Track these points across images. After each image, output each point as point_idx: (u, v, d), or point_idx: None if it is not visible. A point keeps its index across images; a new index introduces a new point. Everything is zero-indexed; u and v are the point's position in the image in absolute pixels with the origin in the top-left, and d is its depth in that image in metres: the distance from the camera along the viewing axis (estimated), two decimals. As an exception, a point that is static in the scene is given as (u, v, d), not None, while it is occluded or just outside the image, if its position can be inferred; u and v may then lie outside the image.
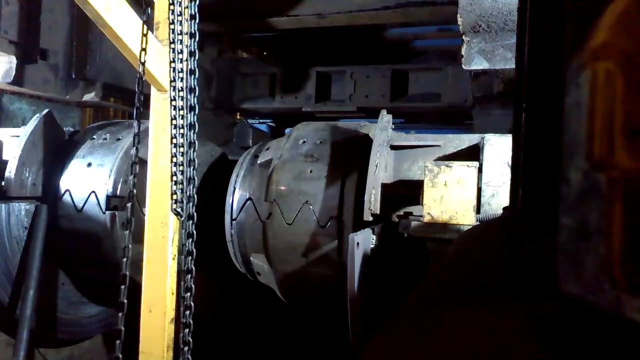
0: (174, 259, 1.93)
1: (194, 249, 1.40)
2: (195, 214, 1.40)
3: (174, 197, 1.38)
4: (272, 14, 4.14)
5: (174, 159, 1.37)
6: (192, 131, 1.38)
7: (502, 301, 0.69)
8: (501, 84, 3.09)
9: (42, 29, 3.80)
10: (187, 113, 1.38)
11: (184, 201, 1.39)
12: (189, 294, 1.40)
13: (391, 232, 2.30)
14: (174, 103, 1.35)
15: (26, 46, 3.70)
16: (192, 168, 1.37)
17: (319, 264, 2.35)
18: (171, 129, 1.36)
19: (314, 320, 2.91)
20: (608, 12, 0.39)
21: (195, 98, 1.38)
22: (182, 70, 1.36)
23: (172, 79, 1.35)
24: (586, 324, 0.45)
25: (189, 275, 1.40)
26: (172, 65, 1.35)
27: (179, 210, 1.38)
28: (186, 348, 1.39)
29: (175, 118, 1.36)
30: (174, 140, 1.36)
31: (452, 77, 4.20)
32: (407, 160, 2.47)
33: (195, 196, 1.40)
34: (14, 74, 3.49)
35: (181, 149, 1.37)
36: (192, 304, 1.41)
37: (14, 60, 3.48)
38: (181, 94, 1.37)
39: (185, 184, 1.39)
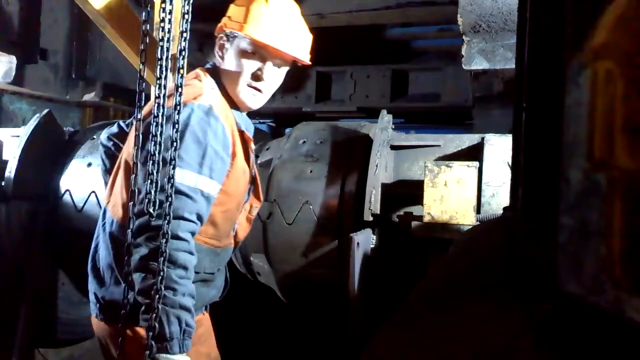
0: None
1: (166, 250, 1.36)
2: (171, 214, 1.36)
3: (148, 197, 1.35)
4: (272, 13, 4.12)
5: (153, 157, 1.35)
6: (175, 129, 1.36)
7: (503, 300, 0.69)
8: (501, 84, 3.09)
9: (42, 28, 3.81)
10: (172, 111, 1.36)
11: (158, 201, 1.36)
12: (157, 296, 1.36)
13: (391, 233, 2.30)
14: (157, 101, 1.34)
15: (26, 46, 3.71)
16: (172, 167, 1.35)
17: (319, 264, 2.35)
18: (152, 127, 1.34)
19: (314, 320, 2.91)
20: (608, 11, 0.39)
21: (181, 97, 1.36)
22: (167, 68, 1.34)
23: (158, 76, 1.33)
24: (586, 324, 0.45)
25: (159, 278, 1.35)
26: (159, 62, 1.33)
27: (150, 210, 1.35)
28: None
29: (157, 116, 1.34)
30: (154, 139, 1.34)
31: (452, 77, 4.20)
32: (407, 160, 2.47)
33: (174, 196, 1.37)
34: (14, 74, 3.49)
35: (159, 147, 1.35)
36: (160, 306, 1.36)
37: (14, 60, 3.48)
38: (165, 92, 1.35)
39: (166, 183, 1.36)
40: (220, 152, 1.52)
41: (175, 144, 1.36)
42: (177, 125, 1.37)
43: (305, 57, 1.71)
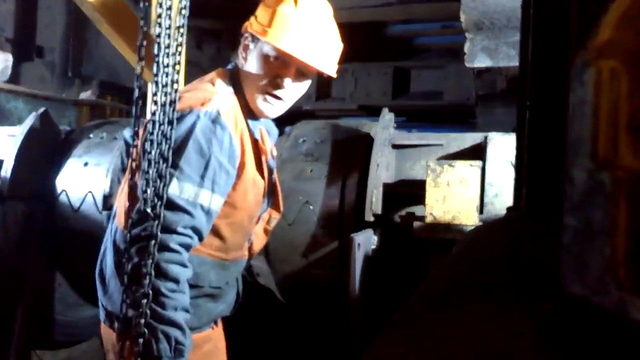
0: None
1: (156, 252, 1.31)
2: (162, 216, 1.30)
3: (144, 196, 1.29)
4: (273, 11, 4.12)
5: (148, 156, 1.31)
6: (170, 127, 1.31)
7: (505, 301, 0.68)
8: (505, 81, 3.09)
9: (38, 26, 3.81)
10: (167, 108, 1.31)
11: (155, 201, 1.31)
12: (145, 300, 1.30)
13: (393, 233, 2.29)
14: (155, 98, 1.30)
15: (22, 44, 3.71)
16: (165, 166, 1.31)
17: (319, 265, 2.35)
18: (150, 125, 1.31)
19: (314, 321, 2.91)
20: (612, 9, 0.38)
21: (177, 93, 1.32)
22: (167, 66, 1.31)
23: (155, 73, 1.30)
24: (589, 324, 0.44)
25: (147, 281, 1.29)
26: (156, 59, 1.30)
27: (148, 210, 1.29)
28: None
29: (154, 113, 1.30)
30: (150, 137, 1.30)
31: (455, 74, 4.19)
32: (409, 160, 2.46)
33: (166, 196, 1.32)
34: (10, 72, 3.49)
35: (158, 146, 1.31)
36: (147, 311, 1.30)
37: (10, 58, 3.49)
38: (165, 89, 1.31)
39: (158, 182, 1.31)
40: (224, 164, 1.44)
41: (168, 142, 1.30)
42: (172, 124, 1.31)
43: (330, 70, 1.59)
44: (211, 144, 1.41)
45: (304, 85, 1.60)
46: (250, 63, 1.55)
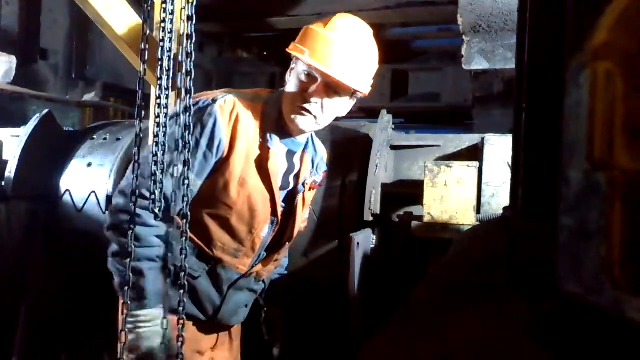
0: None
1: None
2: (189, 213, 1.36)
3: (152, 197, 1.35)
4: (272, 14, 4.14)
5: (154, 158, 1.34)
6: (187, 132, 1.36)
7: (503, 300, 0.69)
8: (501, 84, 3.09)
9: (42, 28, 3.81)
10: (182, 113, 1.37)
11: (162, 201, 1.38)
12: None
13: (391, 233, 2.30)
14: (158, 101, 1.34)
15: (26, 46, 3.71)
16: (187, 168, 1.35)
17: (319, 264, 2.35)
18: (154, 127, 1.34)
19: (313, 320, 2.91)
20: (609, 11, 0.39)
21: (191, 99, 1.37)
22: (169, 70, 1.35)
23: (159, 77, 1.34)
24: (586, 324, 0.44)
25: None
26: (159, 63, 1.33)
27: (156, 211, 1.35)
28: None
29: (158, 116, 1.34)
30: (156, 139, 1.34)
31: (452, 77, 4.20)
32: (407, 160, 2.47)
33: (189, 196, 1.37)
34: (14, 74, 3.49)
35: (162, 147, 1.35)
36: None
37: (14, 60, 3.48)
38: (169, 93, 1.36)
39: (181, 184, 1.37)
40: (202, 146, 1.53)
41: (188, 146, 1.36)
42: (189, 129, 1.36)
43: (358, 86, 1.61)
44: (196, 127, 1.51)
45: (337, 103, 1.62)
46: (290, 83, 1.63)
